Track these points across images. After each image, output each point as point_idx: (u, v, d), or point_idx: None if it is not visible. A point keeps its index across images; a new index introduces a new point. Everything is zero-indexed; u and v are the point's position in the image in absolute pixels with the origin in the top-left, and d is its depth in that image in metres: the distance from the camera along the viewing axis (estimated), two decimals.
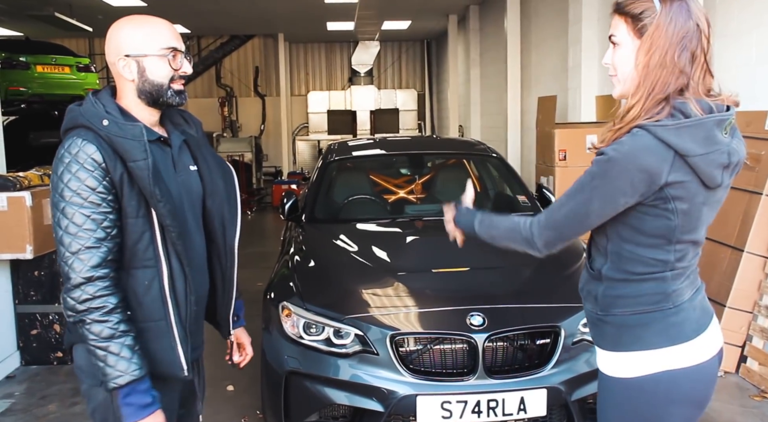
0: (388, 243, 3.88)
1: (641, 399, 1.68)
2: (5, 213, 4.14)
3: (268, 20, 14.38)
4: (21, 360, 4.66)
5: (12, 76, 10.40)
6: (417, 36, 18.04)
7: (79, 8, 11.48)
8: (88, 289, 1.69)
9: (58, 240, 1.71)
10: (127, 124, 1.74)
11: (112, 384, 1.70)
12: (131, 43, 1.80)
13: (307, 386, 2.99)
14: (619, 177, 1.54)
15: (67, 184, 1.68)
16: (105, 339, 1.69)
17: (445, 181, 4.78)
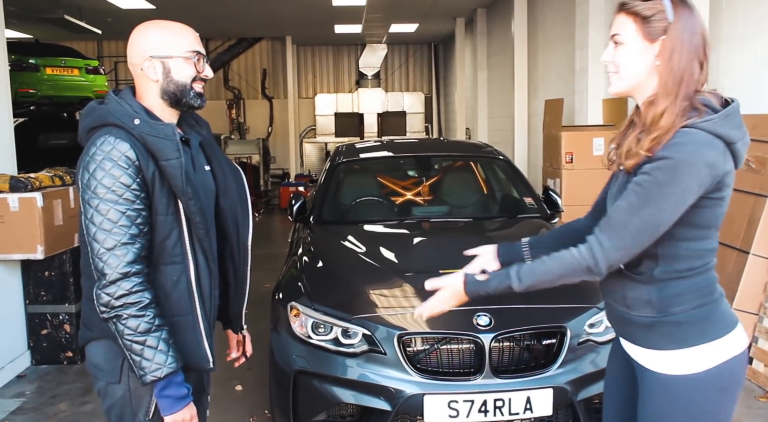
0: (395, 245, 3.91)
1: (711, 390, 1.68)
2: (17, 214, 4.19)
3: (276, 23, 14.44)
4: (32, 360, 4.70)
5: (22, 78, 10.48)
6: (424, 39, 18.08)
7: (88, 11, 11.57)
8: (124, 285, 1.72)
9: (91, 237, 1.73)
10: (158, 124, 1.79)
11: (151, 377, 1.74)
12: (157, 44, 1.85)
13: (315, 385, 3.02)
14: (690, 178, 1.56)
15: (101, 181, 1.71)
16: (142, 334, 1.73)
17: (452, 183, 4.81)
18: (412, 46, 19.23)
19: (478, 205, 4.66)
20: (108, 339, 1.86)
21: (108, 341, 1.87)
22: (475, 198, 4.72)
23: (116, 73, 17.77)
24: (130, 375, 1.87)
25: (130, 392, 1.88)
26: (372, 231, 4.14)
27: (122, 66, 17.99)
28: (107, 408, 1.94)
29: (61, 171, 4.74)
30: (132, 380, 1.86)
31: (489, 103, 12.84)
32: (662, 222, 1.60)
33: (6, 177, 4.20)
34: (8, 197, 4.17)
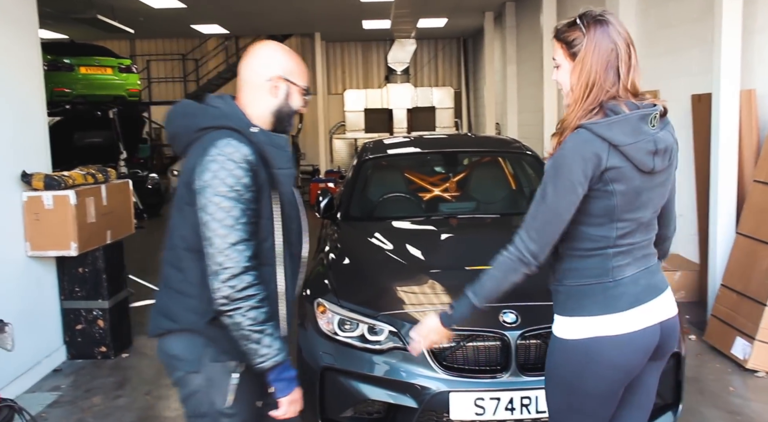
0: (422, 241, 3.90)
1: (575, 359, 1.96)
2: (51, 212, 4.28)
3: (305, 20, 14.50)
4: (67, 354, 4.81)
5: (57, 78, 10.70)
6: (453, 33, 17.98)
7: (120, 10, 11.74)
8: (246, 278, 1.83)
9: (212, 232, 1.82)
10: (274, 135, 1.96)
11: (272, 363, 1.88)
12: (289, 69, 2.02)
13: (342, 382, 3.03)
14: (571, 169, 1.84)
15: (224, 181, 1.82)
16: (261, 324, 1.85)
17: (480, 178, 4.79)
18: (441, 41, 19.14)
19: (506, 200, 4.63)
20: (192, 331, 1.97)
21: (190, 333, 1.97)
22: (503, 194, 4.69)
23: (148, 72, 18.03)
24: (209, 366, 1.97)
25: (209, 380, 1.98)
26: (399, 228, 4.14)
27: (154, 64, 18.26)
28: (184, 397, 2.04)
29: (94, 169, 4.83)
30: (211, 370, 1.97)
31: (519, 98, 12.73)
32: (561, 210, 1.87)
33: (41, 175, 4.29)
34: (43, 195, 4.27)
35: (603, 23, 1.88)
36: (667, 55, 6.51)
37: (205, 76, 18.03)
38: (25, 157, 4.42)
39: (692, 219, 5.97)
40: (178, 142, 2.02)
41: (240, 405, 2.00)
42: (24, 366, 4.33)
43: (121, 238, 4.98)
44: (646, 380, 2.08)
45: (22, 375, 4.29)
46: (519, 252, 1.93)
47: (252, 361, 1.89)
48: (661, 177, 1.93)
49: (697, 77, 5.78)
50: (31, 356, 4.42)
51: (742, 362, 4.32)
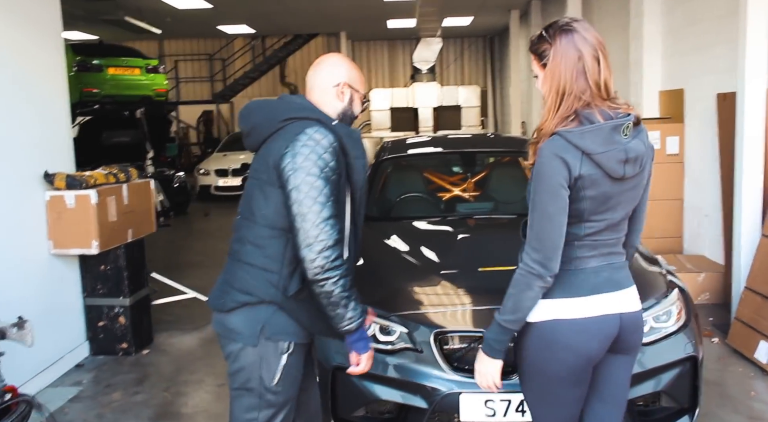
0: (436, 242, 3.89)
1: (536, 341, 2.04)
2: (72, 211, 4.36)
3: (330, 19, 14.56)
4: (90, 350, 4.90)
5: (86, 79, 10.89)
6: (479, 32, 17.91)
7: (148, 12, 11.92)
8: (337, 250, 2.05)
9: (308, 210, 2.02)
10: (351, 128, 2.23)
11: (357, 324, 2.14)
12: (353, 77, 2.29)
13: (353, 381, 3.03)
14: (551, 174, 1.90)
15: (315, 163, 2.03)
16: (349, 290, 2.10)
17: (497, 179, 4.75)
18: (467, 40, 19.08)
19: (523, 201, 4.58)
20: (269, 303, 2.16)
21: (257, 307, 2.17)
22: (520, 194, 4.63)
23: (176, 72, 18.25)
24: (263, 343, 2.17)
25: (261, 357, 2.18)
26: (414, 228, 4.14)
27: (182, 64, 18.48)
28: (234, 371, 2.21)
29: (116, 169, 4.90)
30: (264, 347, 2.17)
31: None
32: (553, 215, 1.92)
33: (62, 175, 4.37)
34: (65, 194, 4.35)
35: (568, 32, 1.95)
36: (693, 53, 6.40)
37: (232, 76, 18.19)
38: (49, 157, 4.51)
39: (717, 220, 5.87)
40: (257, 134, 2.21)
41: (285, 385, 2.22)
42: (48, 361, 4.42)
43: (142, 237, 5.05)
44: (614, 373, 2.14)
45: (46, 370, 4.38)
46: (527, 266, 1.97)
47: (338, 325, 2.11)
48: (632, 182, 2.01)
49: (723, 75, 5.67)
50: (54, 351, 4.51)
51: (766, 366, 4.23)
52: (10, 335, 3.38)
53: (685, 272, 5.65)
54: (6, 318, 3.45)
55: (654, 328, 3.02)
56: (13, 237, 4.13)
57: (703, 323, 5.06)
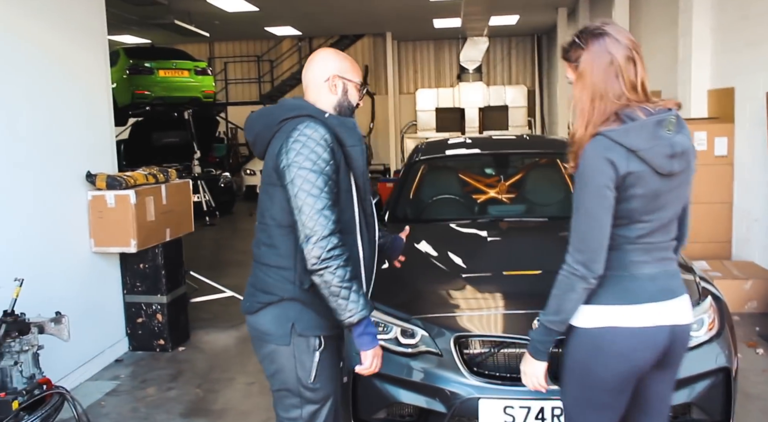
0: (463, 244, 3.86)
1: (586, 347, 2.01)
2: (113, 210, 4.50)
3: (376, 20, 14.60)
4: (129, 346, 5.04)
5: (138, 81, 11.21)
6: (527, 30, 17.68)
7: (197, 15, 12.17)
8: (333, 240, 2.07)
9: (302, 202, 2.07)
10: (344, 118, 2.24)
11: (358, 317, 2.12)
12: (343, 68, 2.29)
13: (374, 383, 3.04)
14: (596, 175, 1.88)
15: (308, 156, 2.08)
16: (348, 281, 2.09)
17: (529, 181, 4.68)
18: (515, 39, 18.85)
19: (555, 204, 4.51)
20: (291, 300, 2.20)
21: (281, 305, 2.21)
22: (553, 197, 4.57)
23: (226, 73, 18.58)
24: (296, 339, 2.21)
25: (295, 357, 2.23)
26: (444, 231, 4.12)
27: (231, 66, 18.81)
28: (272, 374, 2.28)
29: (156, 169, 5.02)
30: (297, 345, 2.21)
31: None
32: (598, 216, 1.91)
33: (103, 175, 4.51)
34: (106, 194, 4.49)
35: (600, 36, 1.95)
36: (744, 50, 6.18)
37: (280, 77, 18.42)
38: (92, 157, 4.65)
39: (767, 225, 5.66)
40: (261, 140, 2.27)
41: (322, 381, 2.27)
42: (89, 355, 4.57)
43: (181, 236, 5.17)
44: (656, 388, 2.10)
45: (87, 363, 4.53)
46: (570, 268, 1.95)
47: (340, 317, 2.11)
48: (679, 179, 1.98)
49: None
50: (95, 346, 4.66)
51: None
52: (48, 329, 3.51)
53: (732, 279, 5.47)
54: (50, 313, 3.59)
55: None
56: (58, 236, 4.28)
57: (749, 333, 4.89)
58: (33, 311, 3.60)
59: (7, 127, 3.83)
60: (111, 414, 3.99)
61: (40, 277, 3.93)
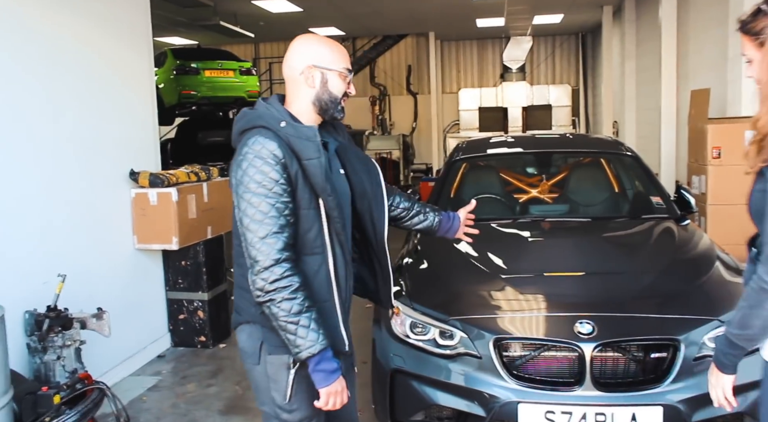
0: (504, 245, 3.79)
1: None
2: (155, 208, 4.56)
3: (419, 20, 14.54)
4: (171, 342, 5.10)
5: (185, 81, 11.36)
6: (571, 29, 17.40)
7: (242, 16, 12.30)
8: (277, 270, 1.87)
9: (245, 228, 1.90)
10: (301, 126, 1.96)
11: (307, 354, 1.90)
12: (319, 56, 2.03)
13: (412, 385, 3.01)
14: None
15: (252, 177, 1.89)
16: (296, 315, 1.89)
17: (572, 181, 4.58)
18: (559, 38, 18.57)
19: (599, 204, 4.40)
20: (254, 323, 2.06)
21: (251, 325, 2.07)
22: (596, 197, 4.46)
23: (270, 74, 18.75)
24: (267, 358, 2.05)
25: (268, 376, 2.07)
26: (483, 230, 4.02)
27: (276, 66, 18.95)
28: (254, 390, 2.16)
29: (198, 168, 5.08)
30: (269, 363, 2.05)
31: (637, 95, 12.11)
32: None
33: (146, 173, 4.57)
34: (148, 192, 4.55)
35: None
36: None
37: None
38: (135, 156, 4.73)
39: None
40: (235, 147, 2.08)
41: (300, 402, 2.06)
42: (132, 350, 4.64)
43: (222, 234, 5.21)
44: None
45: (130, 359, 4.61)
46: (761, 281, 1.69)
47: (292, 351, 1.94)
48: None
49: None
50: (138, 341, 4.73)
51: None
52: (90, 325, 3.58)
53: None
54: (94, 309, 3.65)
55: None
56: (101, 232, 4.36)
57: None
58: (77, 306, 3.67)
59: (54, 124, 3.91)
60: (152, 410, 4.03)
61: (85, 273, 4.01)
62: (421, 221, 2.47)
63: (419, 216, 2.47)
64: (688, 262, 3.43)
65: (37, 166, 3.77)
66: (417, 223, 2.47)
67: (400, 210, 2.44)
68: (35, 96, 3.77)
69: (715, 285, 3.14)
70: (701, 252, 3.50)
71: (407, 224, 2.48)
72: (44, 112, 3.84)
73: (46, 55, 3.86)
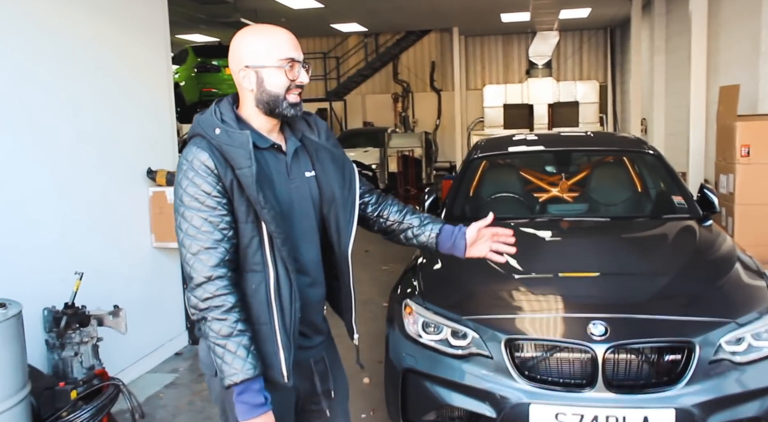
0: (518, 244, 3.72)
1: None
2: (172, 206, 4.57)
3: (442, 15, 14.47)
4: (188, 339, 5.14)
5: (206, 79, 11.50)
6: (599, 24, 17.17)
7: (263, 13, 12.35)
8: (209, 288, 1.75)
9: (180, 243, 1.80)
10: (235, 132, 1.79)
11: (228, 382, 1.75)
12: (251, 53, 1.84)
13: (423, 384, 2.99)
14: None
15: (185, 190, 1.78)
16: (224, 337, 1.74)
17: (591, 180, 4.51)
18: (587, 32, 18.35)
19: (619, 204, 4.32)
20: None
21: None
22: (615, 196, 4.38)
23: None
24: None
25: (223, 389, 1.87)
26: None
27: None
28: (214, 398, 2.00)
29: None
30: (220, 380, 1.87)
31: (666, 91, 11.91)
32: None
33: (163, 172, 4.60)
34: (166, 190, 4.58)
35: None
36: None
37: (345, 74, 18.53)
38: (153, 154, 4.76)
39: None
40: None
41: None
42: (150, 347, 4.69)
43: None
44: None
45: (148, 356, 4.65)
46: None
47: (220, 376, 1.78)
48: None
49: None
50: (156, 339, 4.78)
51: None
52: (107, 322, 3.61)
53: None
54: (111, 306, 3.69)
55: (754, 347, 2.76)
56: (119, 231, 4.40)
57: None
58: (97, 304, 3.71)
59: (72, 123, 3.95)
60: (168, 406, 4.07)
61: (103, 271, 4.06)
62: (415, 235, 2.13)
63: (411, 230, 2.13)
64: (707, 263, 3.36)
65: (55, 164, 3.82)
66: (411, 238, 2.14)
67: (390, 222, 2.15)
68: (53, 95, 3.82)
69: (733, 287, 3.07)
70: (721, 254, 3.42)
71: (400, 238, 2.16)
72: (62, 111, 3.88)
73: (63, 54, 3.90)
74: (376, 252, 8.35)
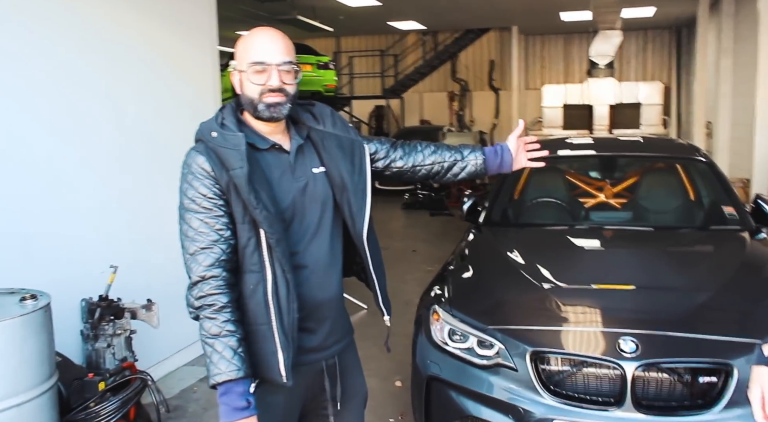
0: (555, 253, 3.63)
1: None
2: None
3: (501, 13, 14.26)
4: None
5: None
6: (665, 23, 16.61)
7: (321, 10, 12.43)
8: (203, 287, 1.79)
9: (181, 244, 1.85)
10: (230, 134, 1.83)
11: (211, 381, 1.78)
12: (236, 57, 1.92)
13: (447, 393, 2.93)
14: None
15: (185, 193, 1.83)
16: (212, 337, 1.78)
17: (637, 187, 4.33)
18: (651, 32, 17.80)
19: (664, 213, 4.13)
20: None
21: None
22: (661, 205, 4.18)
23: (351, 68, 18.89)
24: None
25: None
26: (536, 237, 3.90)
27: (356, 60, 19.11)
28: None
29: None
30: None
31: (733, 94, 11.41)
32: None
33: None
34: None
35: None
36: None
37: (403, 72, 18.48)
38: None
39: None
40: None
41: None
42: (186, 341, 4.74)
43: None
44: None
45: (184, 349, 4.72)
46: None
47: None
48: None
49: None
50: (194, 332, 4.75)
51: None
52: (140, 315, 3.68)
53: None
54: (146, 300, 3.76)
55: None
56: (158, 226, 4.46)
57: None
58: (134, 296, 3.79)
59: (116, 121, 4.04)
60: (200, 400, 4.12)
61: (142, 264, 4.13)
62: (462, 169, 2.16)
63: (457, 164, 2.16)
64: (753, 279, 3.17)
65: (99, 161, 3.91)
66: (459, 172, 2.16)
67: (429, 164, 2.15)
68: (98, 93, 3.91)
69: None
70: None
71: (449, 176, 2.18)
72: (107, 109, 3.98)
73: (109, 53, 3.99)
74: (423, 252, 8.29)
